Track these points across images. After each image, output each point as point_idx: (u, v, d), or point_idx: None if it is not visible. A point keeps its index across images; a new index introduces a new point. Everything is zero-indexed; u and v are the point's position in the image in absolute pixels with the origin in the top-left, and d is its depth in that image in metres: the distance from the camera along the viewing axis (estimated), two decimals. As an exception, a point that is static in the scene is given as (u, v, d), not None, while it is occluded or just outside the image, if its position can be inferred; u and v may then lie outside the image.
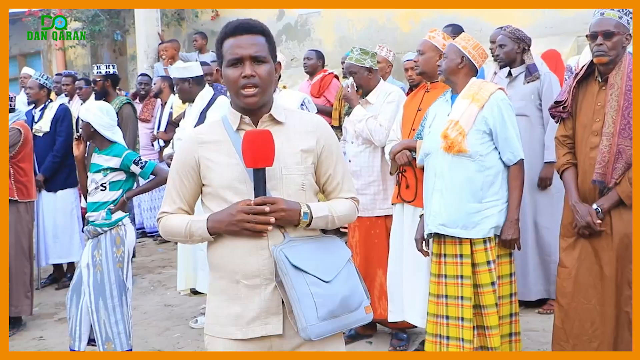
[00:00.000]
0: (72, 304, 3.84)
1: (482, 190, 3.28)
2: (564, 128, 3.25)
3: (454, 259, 3.33)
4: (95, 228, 3.79)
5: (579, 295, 3.13)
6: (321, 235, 2.17)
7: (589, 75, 3.21)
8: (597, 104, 3.11)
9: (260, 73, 2.05)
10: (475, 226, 3.27)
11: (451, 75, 3.44)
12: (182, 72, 4.59)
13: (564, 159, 3.23)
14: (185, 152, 2.17)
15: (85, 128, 3.88)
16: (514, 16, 6.92)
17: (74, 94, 7.25)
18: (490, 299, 3.27)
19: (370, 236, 4.08)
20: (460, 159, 3.27)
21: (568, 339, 3.15)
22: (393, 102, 4.09)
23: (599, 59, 3.08)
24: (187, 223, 2.12)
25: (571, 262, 3.16)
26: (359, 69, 4.14)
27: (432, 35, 3.86)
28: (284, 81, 7.82)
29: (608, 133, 3.02)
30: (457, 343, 3.30)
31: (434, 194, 3.34)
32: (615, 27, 3.06)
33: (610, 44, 3.05)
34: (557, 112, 3.24)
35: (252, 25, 2.08)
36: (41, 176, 5.83)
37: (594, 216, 3.05)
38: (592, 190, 3.11)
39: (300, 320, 1.97)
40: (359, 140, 4.10)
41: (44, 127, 5.89)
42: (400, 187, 3.86)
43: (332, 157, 2.18)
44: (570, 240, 3.19)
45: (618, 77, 3.05)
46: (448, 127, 3.29)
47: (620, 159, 3.01)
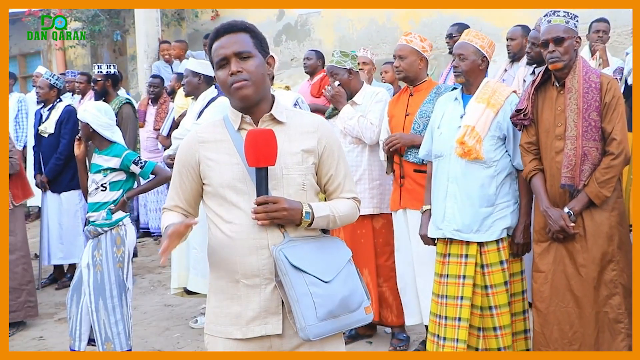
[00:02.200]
0: (72, 304, 3.84)
1: (495, 194, 3.30)
2: (527, 135, 3.26)
3: (458, 259, 3.35)
4: (96, 228, 3.79)
5: (556, 299, 3.14)
6: (321, 235, 2.17)
7: (546, 81, 3.24)
8: (557, 109, 3.14)
9: (247, 67, 2.06)
10: (488, 229, 3.29)
11: (471, 76, 3.43)
12: (197, 67, 4.63)
13: (531, 165, 3.24)
14: (186, 151, 2.18)
15: (84, 128, 3.88)
16: (514, 16, 6.91)
17: (86, 92, 7.26)
18: (503, 298, 3.28)
19: (356, 236, 4.09)
20: (474, 164, 3.29)
21: (548, 343, 3.16)
22: (381, 101, 4.14)
23: (554, 65, 3.11)
24: (165, 224, 2.13)
25: (547, 267, 3.18)
26: (340, 70, 4.19)
27: (410, 39, 3.88)
28: (284, 81, 7.84)
29: (571, 136, 3.05)
30: (452, 344, 3.30)
31: (448, 199, 3.35)
32: (564, 32, 3.10)
33: (562, 49, 3.09)
34: (519, 119, 3.25)
35: (232, 25, 2.11)
36: (45, 177, 5.84)
37: (567, 220, 3.07)
38: (562, 194, 3.13)
39: (299, 320, 1.97)
40: (346, 139, 4.13)
41: (49, 129, 5.89)
42: (401, 194, 3.86)
43: (333, 157, 2.19)
44: (544, 245, 3.20)
45: (575, 81, 3.09)
46: (465, 133, 3.29)
47: (587, 161, 3.05)
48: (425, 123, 3.75)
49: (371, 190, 4.10)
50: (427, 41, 3.94)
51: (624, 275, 3.07)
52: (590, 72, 3.12)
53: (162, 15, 10.49)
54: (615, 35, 6.43)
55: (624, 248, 3.10)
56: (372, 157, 4.11)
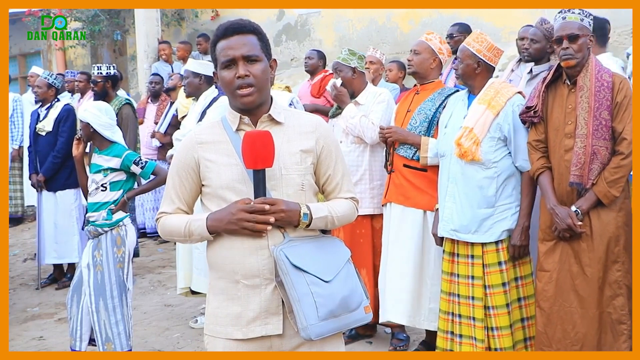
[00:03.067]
0: (72, 304, 3.84)
1: (495, 196, 3.30)
2: (536, 132, 3.26)
3: (466, 259, 3.37)
4: (96, 228, 3.79)
5: (560, 299, 3.13)
6: (321, 235, 2.17)
7: (557, 78, 3.24)
8: (567, 107, 3.14)
9: (254, 72, 2.05)
10: (487, 230, 3.30)
11: (468, 79, 3.45)
12: (198, 68, 4.66)
13: (538, 163, 3.23)
14: (184, 152, 2.17)
15: (84, 129, 3.87)
16: (514, 16, 6.91)
17: (86, 91, 7.25)
18: (501, 299, 3.28)
19: (355, 235, 4.10)
20: (472, 166, 3.30)
21: (551, 343, 3.15)
22: (383, 102, 4.15)
23: (567, 63, 3.11)
24: (187, 222, 2.12)
25: (552, 266, 3.17)
26: (344, 67, 4.21)
27: (429, 38, 3.90)
28: (284, 81, 7.84)
29: (581, 135, 3.04)
30: (471, 342, 3.32)
31: (447, 199, 3.37)
32: (579, 30, 3.09)
33: (576, 46, 3.08)
34: (528, 117, 3.25)
35: (242, 25, 2.09)
36: (42, 176, 5.84)
37: (574, 218, 3.06)
38: (569, 193, 3.13)
39: (300, 320, 1.97)
40: (348, 139, 4.14)
41: (47, 127, 5.90)
42: (388, 187, 3.89)
43: (331, 157, 2.19)
44: (550, 244, 3.19)
45: (587, 79, 3.08)
46: (462, 134, 3.30)
47: (596, 160, 3.04)
48: (422, 120, 3.77)
49: (372, 190, 4.11)
50: (446, 45, 3.98)
51: (629, 276, 3.06)
52: (603, 71, 3.10)
53: (162, 15, 10.49)
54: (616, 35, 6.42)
55: (630, 249, 3.08)
56: (373, 157, 4.12)
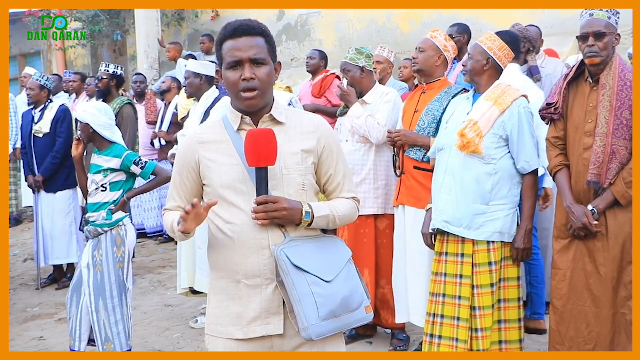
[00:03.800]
0: (72, 304, 3.84)
1: (491, 193, 3.27)
2: (555, 129, 3.24)
3: (455, 258, 3.32)
4: (96, 228, 3.79)
5: (573, 297, 3.11)
6: (321, 235, 2.17)
7: (579, 76, 3.21)
8: (588, 105, 3.11)
9: (260, 75, 2.05)
10: (478, 227, 3.27)
11: (476, 76, 3.42)
12: (199, 68, 4.66)
13: (556, 160, 3.22)
14: (185, 151, 2.17)
15: (84, 129, 3.87)
16: (514, 16, 6.90)
17: (80, 91, 7.24)
18: (487, 300, 3.24)
19: (359, 235, 4.09)
20: (472, 158, 3.27)
21: (563, 341, 3.14)
22: (390, 101, 4.12)
23: (591, 60, 3.08)
24: (172, 220, 2.14)
25: (566, 264, 3.15)
26: (352, 67, 4.19)
27: (434, 35, 3.88)
28: (284, 81, 7.83)
29: (601, 133, 3.01)
30: (450, 343, 3.27)
31: (442, 190, 3.34)
32: (605, 28, 3.07)
33: (602, 44, 3.06)
34: (548, 113, 3.23)
35: (250, 27, 2.07)
36: (40, 177, 5.84)
37: (590, 217, 3.04)
38: (586, 191, 3.10)
39: (301, 320, 1.97)
40: (354, 138, 4.13)
41: (44, 128, 5.89)
42: (400, 189, 3.87)
43: (332, 156, 2.18)
44: (565, 242, 3.18)
45: (609, 78, 3.05)
46: (466, 126, 3.28)
47: (614, 159, 3.01)
48: (429, 120, 3.76)
49: (376, 190, 4.09)
50: (451, 42, 3.94)
51: None
52: (626, 70, 3.08)
53: (162, 15, 10.50)
54: (616, 35, 6.42)
55: None
56: (378, 157, 4.10)
